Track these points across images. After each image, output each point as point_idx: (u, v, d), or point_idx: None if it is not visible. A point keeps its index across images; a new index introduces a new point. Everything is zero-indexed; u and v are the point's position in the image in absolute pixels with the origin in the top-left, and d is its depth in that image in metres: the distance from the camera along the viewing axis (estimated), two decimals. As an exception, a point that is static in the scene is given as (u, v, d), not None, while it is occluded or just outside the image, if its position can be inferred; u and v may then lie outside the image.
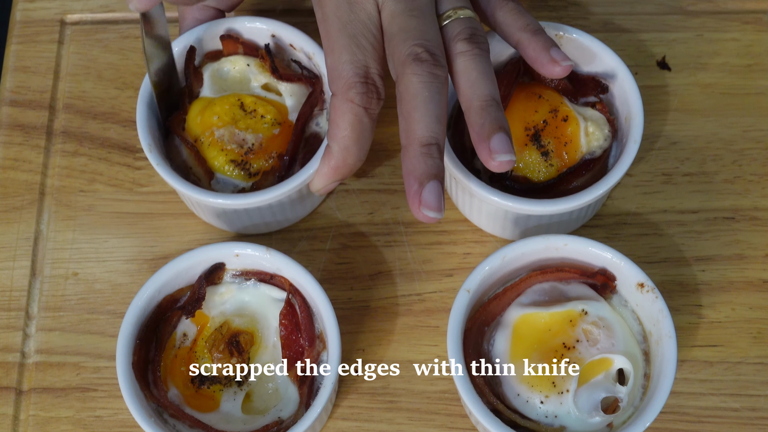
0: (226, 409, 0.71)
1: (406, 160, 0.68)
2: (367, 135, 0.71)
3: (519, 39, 0.73)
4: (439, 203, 0.67)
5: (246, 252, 0.73)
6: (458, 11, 0.72)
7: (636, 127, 0.76)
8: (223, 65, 0.80)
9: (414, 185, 0.67)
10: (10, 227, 0.82)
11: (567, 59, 0.73)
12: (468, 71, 0.70)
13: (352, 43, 0.70)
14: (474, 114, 0.68)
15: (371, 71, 0.70)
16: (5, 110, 0.86)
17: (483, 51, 0.70)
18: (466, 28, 0.71)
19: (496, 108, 0.68)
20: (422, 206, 0.67)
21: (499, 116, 0.68)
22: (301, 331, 0.73)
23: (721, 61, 0.87)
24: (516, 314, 0.72)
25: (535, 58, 0.73)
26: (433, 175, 0.67)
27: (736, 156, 0.83)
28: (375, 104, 0.70)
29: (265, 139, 0.77)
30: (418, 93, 0.68)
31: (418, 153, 0.67)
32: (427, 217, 0.67)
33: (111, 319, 0.79)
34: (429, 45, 0.69)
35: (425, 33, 0.69)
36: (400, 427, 0.76)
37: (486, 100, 0.69)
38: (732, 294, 0.79)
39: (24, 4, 0.90)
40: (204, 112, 0.78)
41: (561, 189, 0.77)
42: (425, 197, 0.67)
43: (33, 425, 0.76)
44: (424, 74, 0.68)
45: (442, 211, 0.67)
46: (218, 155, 0.77)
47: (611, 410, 0.70)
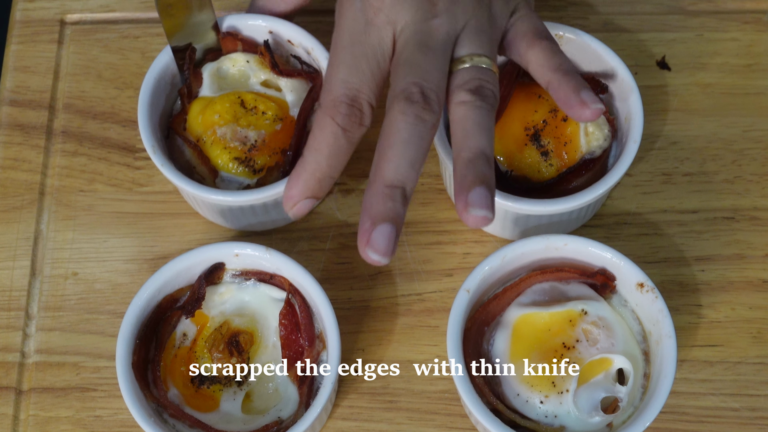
0: (226, 408, 0.71)
1: (367, 196, 0.65)
2: (341, 155, 0.69)
3: (550, 80, 0.71)
4: (386, 248, 0.64)
5: (246, 252, 0.73)
6: (475, 58, 0.69)
7: (636, 127, 0.76)
8: (222, 63, 0.80)
9: (366, 223, 0.65)
10: (10, 227, 0.82)
11: (597, 102, 0.70)
12: (465, 120, 0.67)
13: (353, 64, 0.69)
14: (460, 164, 0.66)
15: (361, 96, 0.68)
16: (5, 110, 0.86)
17: (486, 104, 0.68)
18: (475, 78, 0.68)
19: (483, 162, 0.66)
20: (368, 246, 0.64)
21: (484, 171, 0.65)
22: (301, 331, 0.73)
23: (721, 61, 0.87)
24: (516, 314, 0.72)
25: (565, 99, 0.70)
26: (390, 218, 0.64)
27: (736, 156, 0.83)
28: (355, 129, 0.68)
29: (268, 135, 0.77)
30: (397, 132, 0.66)
31: (379, 192, 0.65)
32: (370, 258, 0.64)
33: (111, 318, 0.79)
34: (426, 86, 0.67)
35: (427, 73, 0.67)
36: (400, 427, 0.76)
37: (475, 153, 0.66)
38: (732, 294, 0.79)
39: (24, 3, 0.90)
40: (205, 112, 0.78)
41: (561, 189, 0.77)
42: (374, 238, 0.64)
43: (33, 425, 0.76)
44: (410, 115, 0.66)
45: (389, 257, 0.64)
46: (222, 153, 0.77)
47: (611, 410, 0.70)
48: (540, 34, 0.72)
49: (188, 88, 0.79)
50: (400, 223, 0.65)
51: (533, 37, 0.72)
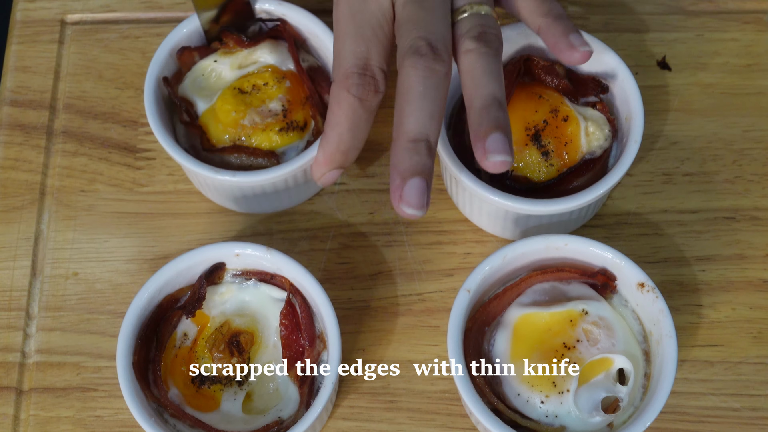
0: (227, 408, 0.71)
1: (393, 154, 0.67)
2: (362, 125, 0.70)
3: (540, 25, 0.72)
4: (420, 201, 0.65)
5: (246, 252, 0.73)
6: (474, 6, 0.70)
7: (636, 127, 0.76)
8: (193, 78, 0.80)
9: (396, 180, 0.66)
10: (11, 227, 0.82)
11: (586, 44, 0.71)
12: (473, 69, 0.68)
13: (357, 33, 0.69)
14: (474, 113, 0.67)
15: (371, 63, 0.69)
16: (5, 110, 0.86)
17: (492, 49, 0.69)
18: (477, 25, 0.70)
19: (497, 108, 0.67)
20: (402, 202, 0.65)
21: (498, 116, 0.67)
22: (302, 331, 0.73)
23: (722, 61, 0.87)
24: (516, 314, 0.72)
25: (555, 44, 0.72)
26: (418, 171, 0.66)
27: (736, 156, 0.83)
28: (372, 96, 0.69)
29: (285, 95, 0.78)
30: (412, 87, 0.67)
31: (404, 148, 0.66)
32: (406, 213, 0.65)
33: (111, 318, 0.79)
34: (432, 38, 0.68)
35: (431, 25, 0.68)
36: (400, 427, 0.76)
37: (487, 100, 0.67)
38: (732, 294, 0.79)
39: (24, 4, 0.90)
40: (218, 119, 0.78)
41: (561, 189, 0.77)
42: (406, 193, 0.65)
43: (33, 425, 0.76)
44: (421, 68, 0.67)
45: (423, 209, 0.65)
46: (266, 135, 0.77)
47: (611, 410, 0.70)
48: None
49: (187, 113, 0.79)
50: (430, 174, 0.66)
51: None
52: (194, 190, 0.83)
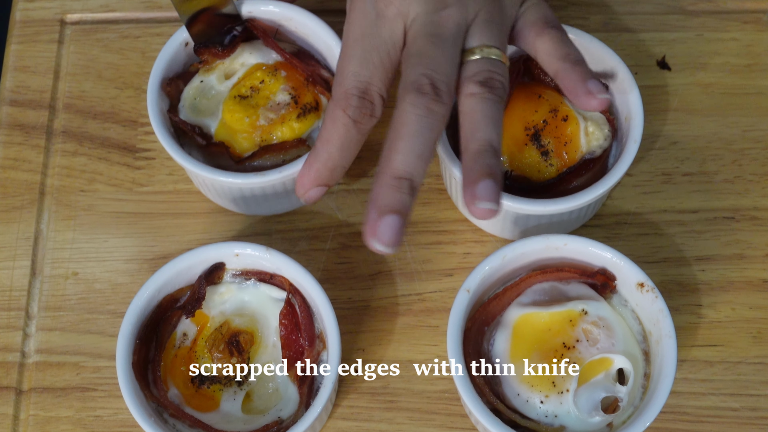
0: (226, 408, 0.71)
1: (374, 187, 0.66)
2: (352, 147, 0.70)
3: (558, 69, 0.72)
4: (392, 239, 0.65)
5: (246, 252, 0.73)
6: (485, 50, 0.70)
7: (636, 127, 0.76)
8: (187, 103, 0.80)
9: (373, 214, 0.65)
10: (10, 227, 0.82)
11: (603, 92, 0.71)
12: (473, 113, 0.68)
13: (363, 57, 0.69)
14: (468, 156, 0.67)
15: (372, 89, 0.69)
16: (5, 110, 0.86)
17: (495, 96, 0.68)
18: (485, 70, 0.69)
19: (491, 155, 0.66)
20: (374, 237, 0.65)
21: (491, 163, 0.66)
22: (301, 331, 0.73)
23: (721, 60, 0.87)
24: (516, 314, 0.72)
25: (572, 89, 0.71)
26: (396, 209, 0.65)
27: (736, 156, 0.83)
28: (367, 120, 0.69)
29: (285, 83, 0.79)
30: (407, 124, 0.66)
31: (387, 183, 0.66)
32: (376, 249, 0.65)
33: (111, 318, 0.79)
34: (436, 77, 0.67)
35: (438, 64, 0.68)
36: (400, 426, 0.76)
37: (483, 145, 0.67)
38: (732, 294, 0.79)
39: (24, 3, 0.90)
40: (236, 130, 0.78)
41: (561, 189, 0.77)
42: (380, 229, 0.65)
43: (33, 425, 0.76)
44: (420, 107, 0.66)
45: (395, 247, 0.65)
46: (287, 126, 0.78)
47: (611, 410, 0.70)
48: (549, 23, 0.73)
49: (201, 136, 0.79)
50: (407, 214, 0.66)
51: (542, 26, 0.72)
52: (194, 190, 0.83)
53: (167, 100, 0.80)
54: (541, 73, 0.79)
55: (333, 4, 0.87)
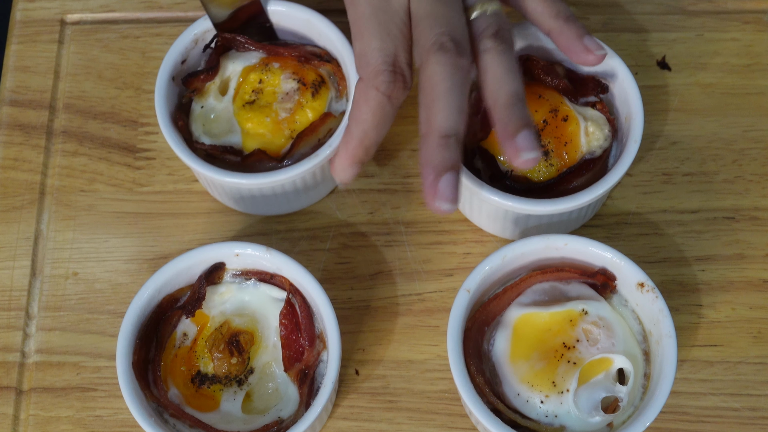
0: (226, 408, 0.71)
1: (424, 150, 0.67)
2: (387, 121, 0.71)
3: (551, 27, 0.73)
4: (454, 195, 0.66)
5: (246, 252, 0.73)
6: (486, 5, 0.71)
7: (636, 127, 0.76)
8: (199, 132, 0.80)
9: (430, 176, 0.66)
10: (10, 227, 0.82)
11: (600, 48, 0.72)
12: (494, 68, 0.69)
13: (382, 30, 0.69)
14: (500, 111, 0.68)
15: (399, 60, 0.70)
16: (5, 110, 0.86)
17: (509, 47, 0.70)
18: (493, 23, 0.70)
19: (521, 105, 0.68)
20: (437, 197, 0.66)
21: (524, 114, 0.68)
22: (301, 331, 0.73)
23: (721, 61, 0.87)
24: (516, 314, 0.72)
25: (568, 46, 0.73)
26: (450, 166, 0.66)
27: (736, 156, 0.83)
28: (400, 93, 0.70)
29: (283, 71, 0.79)
30: (440, 83, 0.67)
31: (436, 144, 0.67)
32: (440, 209, 0.66)
33: (111, 318, 0.79)
34: (454, 33, 0.68)
35: (451, 21, 0.69)
36: (400, 426, 0.76)
37: (512, 97, 0.68)
38: (732, 294, 0.79)
39: (24, 4, 0.90)
40: (263, 135, 0.78)
41: (561, 189, 0.77)
42: (441, 188, 0.66)
43: (33, 425, 0.76)
44: (447, 64, 0.67)
45: (457, 203, 0.67)
46: (310, 107, 0.79)
47: (611, 410, 0.70)
48: None
49: (233, 154, 0.79)
50: (459, 169, 0.67)
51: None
52: (194, 190, 0.83)
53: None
54: (542, 73, 0.79)
55: (332, 4, 0.87)
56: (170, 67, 0.79)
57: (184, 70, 0.80)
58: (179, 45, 0.80)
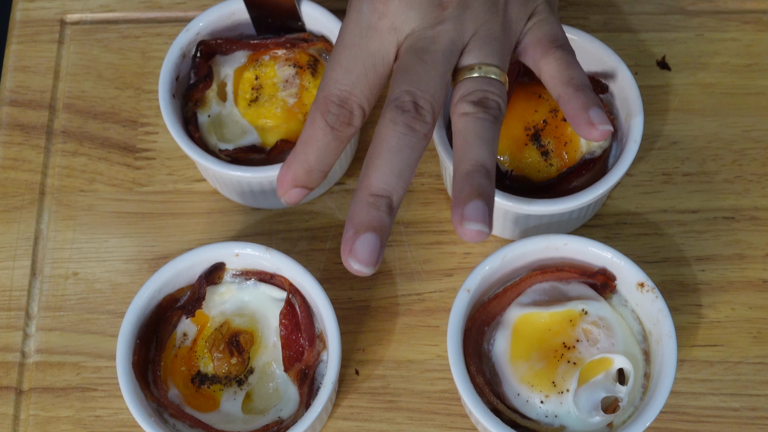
0: (226, 408, 0.71)
1: (352, 204, 0.65)
2: (330, 152, 0.68)
3: (560, 93, 0.69)
4: (370, 257, 0.63)
5: (246, 252, 0.73)
6: (483, 68, 0.67)
7: (636, 127, 0.76)
8: (215, 140, 0.80)
9: (350, 231, 0.64)
10: (10, 227, 0.82)
11: (606, 123, 0.68)
12: (466, 132, 0.66)
13: (348, 65, 0.67)
14: (458, 176, 0.65)
15: (352, 99, 0.67)
16: (5, 110, 0.86)
17: (489, 116, 0.66)
18: (480, 90, 0.67)
19: (482, 175, 0.64)
20: (350, 255, 0.63)
21: (483, 184, 0.64)
22: (301, 331, 0.73)
23: (721, 60, 0.87)
24: (516, 314, 0.72)
25: (573, 116, 0.69)
26: (373, 227, 0.63)
27: (736, 156, 0.83)
28: (345, 129, 0.67)
29: (276, 62, 0.80)
30: (386, 140, 0.65)
31: (364, 200, 0.64)
32: (353, 268, 0.63)
33: (111, 318, 0.79)
34: (419, 95, 0.65)
35: (423, 82, 0.66)
36: (400, 426, 0.76)
37: (474, 165, 0.64)
38: (732, 294, 0.79)
39: (24, 3, 0.90)
40: (278, 125, 0.79)
41: (561, 189, 0.77)
42: (356, 247, 0.63)
43: (33, 425, 0.76)
44: (399, 124, 0.65)
45: (372, 267, 0.63)
46: (312, 90, 0.79)
47: (611, 410, 0.70)
48: (555, 41, 0.70)
49: (257, 152, 0.79)
50: (385, 233, 0.64)
51: (548, 45, 0.70)
52: (194, 190, 0.83)
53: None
54: (541, 73, 0.79)
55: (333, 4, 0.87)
56: (168, 86, 0.79)
57: (182, 85, 0.80)
58: (169, 62, 0.79)
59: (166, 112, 0.78)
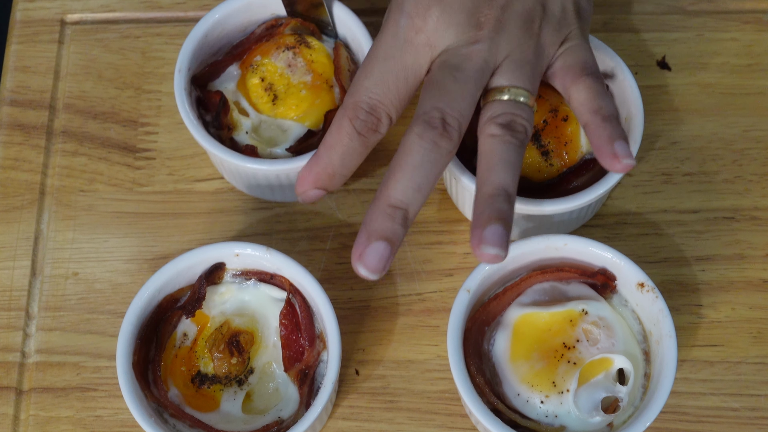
0: (227, 408, 0.71)
1: (369, 211, 0.66)
2: (354, 157, 0.69)
3: (588, 122, 0.70)
4: (377, 265, 0.64)
5: (246, 252, 0.73)
6: (513, 90, 0.68)
7: (636, 127, 0.76)
8: (265, 144, 0.80)
9: (362, 237, 0.65)
10: (10, 227, 0.82)
11: (630, 157, 0.68)
12: (491, 154, 0.67)
13: (380, 76, 0.69)
14: (480, 198, 0.66)
15: (381, 107, 0.69)
16: (5, 110, 0.86)
17: (515, 140, 0.67)
18: (508, 113, 0.68)
19: (503, 199, 0.65)
20: (360, 261, 0.65)
21: (503, 208, 0.65)
22: (302, 331, 0.73)
23: (721, 60, 0.87)
24: (516, 314, 0.72)
25: (599, 147, 0.69)
26: (386, 237, 0.65)
27: (736, 156, 0.83)
28: (371, 135, 0.69)
29: (269, 54, 0.80)
30: (410, 154, 0.66)
31: (381, 210, 0.65)
32: (360, 273, 0.65)
33: (111, 318, 0.79)
34: (447, 112, 0.67)
35: (453, 100, 0.67)
36: (400, 426, 0.76)
37: (496, 189, 0.66)
38: (732, 294, 0.79)
39: (24, 3, 0.90)
40: (309, 105, 0.79)
41: (561, 189, 0.77)
42: (367, 254, 0.64)
43: (33, 425, 0.76)
44: (426, 140, 0.66)
45: (378, 274, 0.64)
46: (321, 59, 0.80)
47: (611, 410, 0.70)
48: (586, 69, 0.71)
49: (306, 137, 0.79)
50: (397, 243, 0.65)
51: (579, 72, 0.71)
52: (194, 190, 0.83)
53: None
54: (542, 73, 0.79)
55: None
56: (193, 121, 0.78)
57: (202, 115, 0.80)
58: (180, 96, 0.78)
59: (214, 150, 0.77)
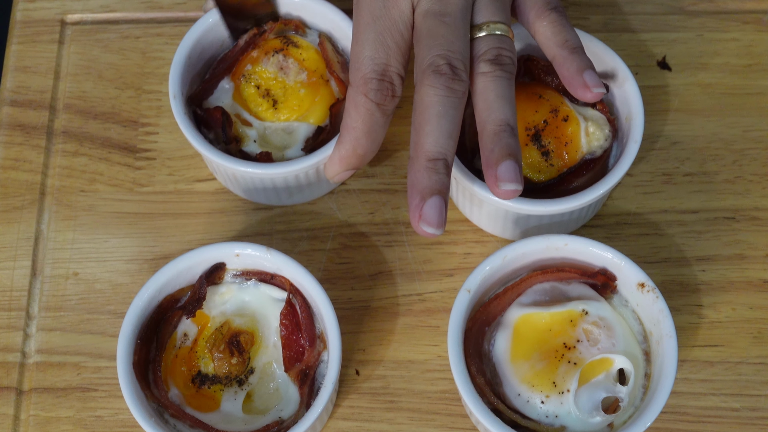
0: (227, 409, 0.71)
1: (412, 172, 0.68)
2: (378, 129, 0.71)
3: (555, 55, 0.72)
4: (439, 219, 0.66)
5: (246, 252, 0.73)
6: (491, 25, 0.70)
7: (636, 127, 0.76)
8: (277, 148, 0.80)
9: (416, 199, 0.67)
10: (11, 227, 0.82)
11: (600, 85, 0.71)
12: (486, 93, 0.69)
13: (377, 40, 0.70)
14: (486, 138, 0.68)
15: (390, 69, 0.70)
16: (6, 110, 0.86)
17: (506, 73, 0.69)
18: (493, 47, 0.70)
19: (509, 134, 0.67)
20: (422, 221, 0.66)
21: (510, 143, 0.67)
22: (302, 331, 0.73)
23: (722, 61, 0.87)
24: (516, 314, 0.72)
25: (568, 79, 0.72)
26: (437, 190, 0.67)
27: (736, 156, 0.83)
28: (389, 101, 0.70)
29: (259, 61, 0.80)
30: (431, 106, 0.67)
31: (423, 167, 0.67)
32: (425, 232, 0.66)
33: (111, 319, 0.79)
34: (452, 57, 0.68)
35: (452, 43, 0.68)
36: (400, 427, 0.76)
37: (500, 125, 0.68)
38: (732, 294, 0.79)
39: (24, 4, 0.90)
40: (311, 103, 0.79)
41: (561, 189, 0.77)
42: (426, 212, 0.66)
43: (33, 425, 0.76)
44: (441, 87, 0.67)
45: (442, 228, 0.66)
46: (311, 63, 0.80)
47: (612, 410, 0.70)
48: (550, 3, 0.73)
49: (317, 133, 0.79)
50: (447, 193, 0.67)
51: (542, 6, 0.73)
52: (194, 190, 0.83)
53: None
54: (542, 73, 0.79)
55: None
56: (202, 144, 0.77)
57: (205, 134, 0.80)
58: (182, 121, 0.78)
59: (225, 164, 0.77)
